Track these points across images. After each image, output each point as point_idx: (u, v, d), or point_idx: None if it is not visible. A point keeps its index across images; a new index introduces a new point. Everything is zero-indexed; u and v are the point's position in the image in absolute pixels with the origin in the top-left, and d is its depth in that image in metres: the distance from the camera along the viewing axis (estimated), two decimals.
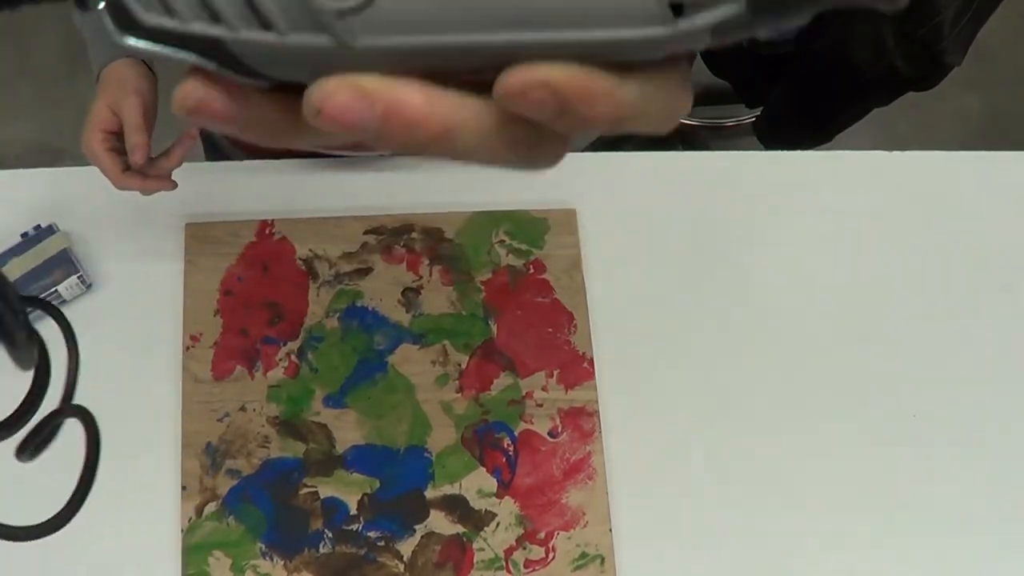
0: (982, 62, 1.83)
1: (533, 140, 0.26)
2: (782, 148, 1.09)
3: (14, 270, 0.95)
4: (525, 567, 0.88)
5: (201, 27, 0.22)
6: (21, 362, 0.31)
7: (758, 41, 1.23)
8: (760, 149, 1.48)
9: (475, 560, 0.89)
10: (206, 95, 0.24)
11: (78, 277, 0.95)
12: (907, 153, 1.08)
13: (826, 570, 0.90)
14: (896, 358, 0.98)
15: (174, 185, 0.90)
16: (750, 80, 1.45)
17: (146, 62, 0.93)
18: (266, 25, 0.22)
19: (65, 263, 0.95)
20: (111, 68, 0.91)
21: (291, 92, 0.24)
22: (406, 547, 0.89)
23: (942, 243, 1.04)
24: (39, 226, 0.96)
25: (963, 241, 1.04)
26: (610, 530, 0.89)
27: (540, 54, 0.23)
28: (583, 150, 1.10)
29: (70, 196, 0.94)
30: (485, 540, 0.89)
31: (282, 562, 0.87)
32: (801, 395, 0.96)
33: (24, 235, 0.96)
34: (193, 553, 0.87)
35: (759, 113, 1.51)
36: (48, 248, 0.95)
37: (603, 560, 0.89)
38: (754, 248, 1.03)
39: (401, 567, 0.88)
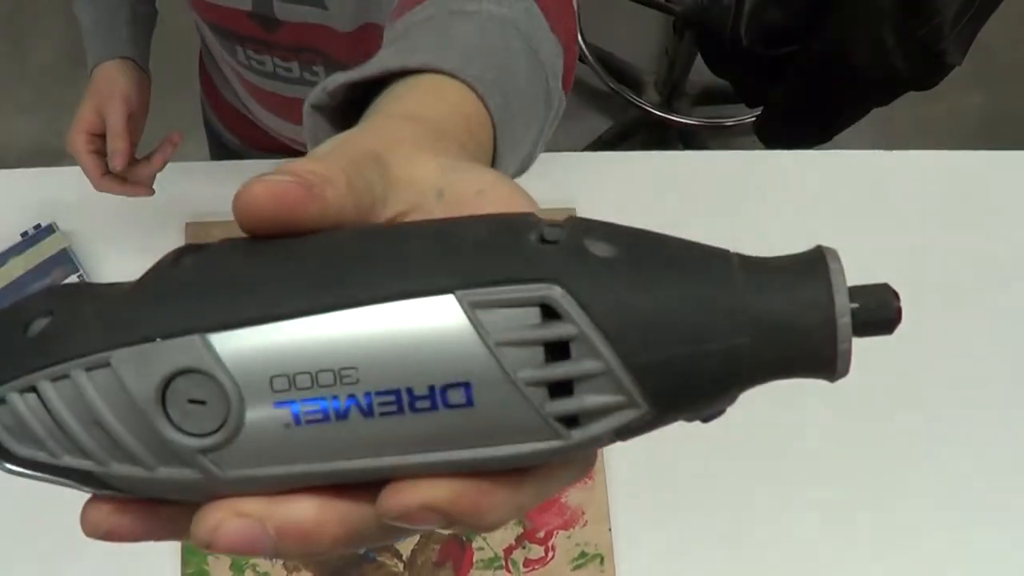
0: (982, 62, 1.83)
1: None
2: (782, 148, 1.09)
3: (14, 270, 0.95)
4: (524, 566, 0.88)
5: (71, 461, 0.22)
6: None
7: (759, 40, 1.22)
8: (760, 149, 1.48)
9: (474, 559, 0.89)
10: (114, 522, 0.23)
11: (78, 276, 0.95)
12: (907, 153, 1.08)
13: (826, 569, 0.90)
14: (896, 357, 0.98)
15: (152, 192, 0.90)
16: (750, 80, 1.45)
17: (140, 64, 0.93)
18: (133, 461, 0.22)
19: (65, 262, 0.95)
20: (103, 68, 0.90)
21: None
22: (405, 546, 0.89)
23: (941, 242, 1.04)
24: (39, 226, 0.96)
25: (962, 240, 1.04)
26: (609, 529, 0.89)
27: (425, 472, 0.22)
28: (583, 149, 1.10)
29: (70, 196, 0.94)
30: (484, 539, 0.89)
31: (281, 561, 0.87)
32: (801, 394, 0.96)
33: (24, 235, 0.96)
34: (193, 552, 0.87)
35: (759, 113, 1.50)
36: (48, 247, 0.95)
37: (602, 559, 0.89)
38: (754, 247, 1.03)
39: (400, 566, 0.88)
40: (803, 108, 1.41)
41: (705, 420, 0.23)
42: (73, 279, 0.95)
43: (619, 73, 1.98)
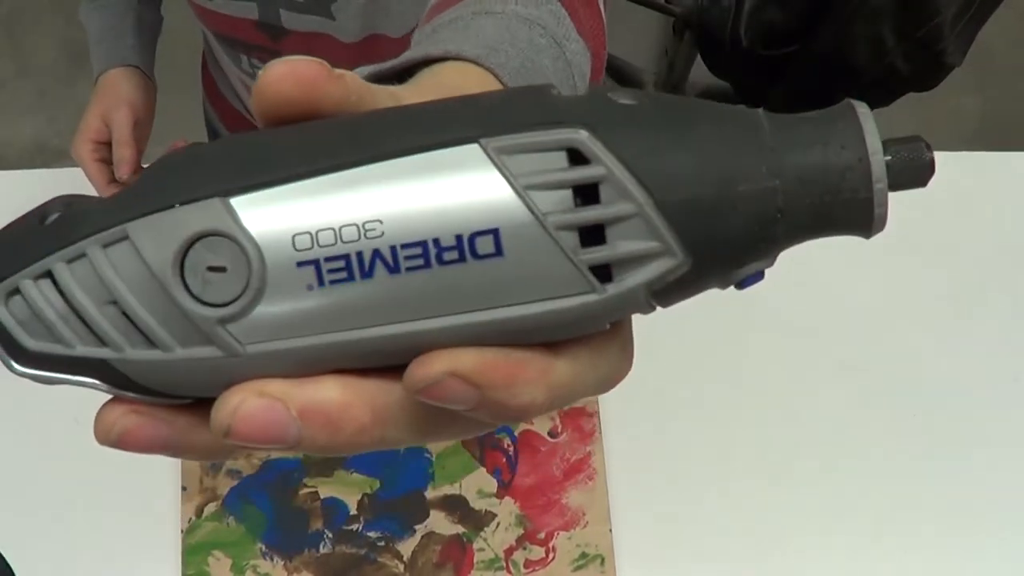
0: (982, 62, 1.83)
1: (469, 420, 0.23)
2: None
3: None
4: (525, 567, 0.88)
5: (86, 350, 0.21)
6: None
7: (758, 40, 1.22)
8: None
9: (475, 560, 0.89)
10: (129, 424, 0.22)
11: None
12: None
13: (827, 570, 0.90)
14: (896, 358, 0.98)
15: None
16: (750, 80, 1.45)
17: (145, 71, 0.92)
18: (151, 342, 0.21)
19: None
20: (107, 75, 0.90)
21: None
22: (406, 547, 0.89)
23: (942, 243, 1.04)
24: None
25: (963, 241, 1.04)
26: (610, 530, 0.89)
27: (454, 340, 0.21)
28: None
29: None
30: (485, 540, 0.89)
31: (282, 562, 0.87)
32: (801, 395, 0.96)
33: None
34: (193, 553, 0.87)
35: None
36: None
37: (603, 560, 0.89)
38: None
39: (401, 567, 0.88)
40: (803, 109, 1.40)
41: (740, 286, 0.22)
42: None
43: (619, 73, 1.98)
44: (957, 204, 1.06)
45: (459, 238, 0.20)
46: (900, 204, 1.04)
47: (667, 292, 0.22)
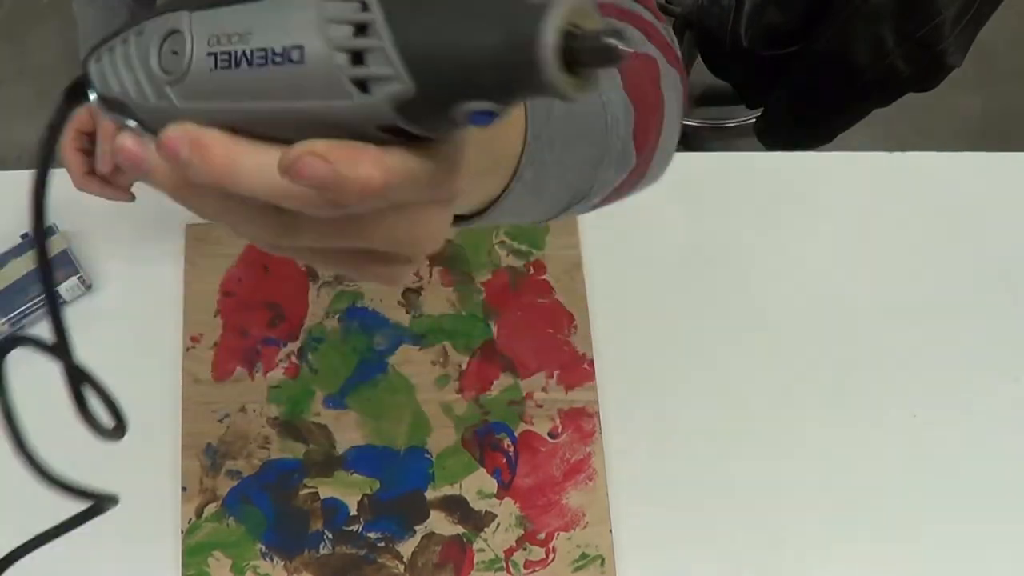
0: (982, 62, 1.83)
1: (319, 222, 0.32)
2: (782, 149, 1.09)
3: (14, 272, 0.95)
4: (525, 568, 0.88)
5: (119, 94, 0.35)
6: None
7: (759, 40, 1.21)
8: (760, 150, 1.48)
9: (475, 561, 0.89)
10: (126, 142, 0.34)
11: (78, 278, 0.95)
12: (907, 153, 1.08)
13: (827, 570, 0.90)
14: (896, 358, 0.98)
15: (132, 197, 0.89)
16: (751, 81, 1.45)
17: None
18: (144, 95, 0.34)
19: (65, 264, 0.95)
20: None
21: None
22: (406, 548, 0.89)
23: (942, 243, 1.04)
24: None
25: (963, 241, 1.04)
26: (610, 531, 0.89)
27: (277, 119, 0.31)
28: None
29: (70, 196, 0.94)
30: (485, 541, 0.89)
31: (282, 563, 0.87)
32: (802, 395, 0.96)
33: (24, 236, 0.96)
34: (193, 554, 0.87)
35: (759, 114, 1.50)
36: (48, 249, 0.95)
37: (603, 561, 0.88)
38: (754, 248, 1.03)
39: (401, 568, 0.88)
40: (803, 109, 1.40)
41: (472, 122, 0.30)
42: (74, 280, 0.94)
43: None
44: (957, 204, 1.06)
45: (285, 48, 0.31)
46: (901, 204, 1.03)
47: (407, 110, 0.29)
